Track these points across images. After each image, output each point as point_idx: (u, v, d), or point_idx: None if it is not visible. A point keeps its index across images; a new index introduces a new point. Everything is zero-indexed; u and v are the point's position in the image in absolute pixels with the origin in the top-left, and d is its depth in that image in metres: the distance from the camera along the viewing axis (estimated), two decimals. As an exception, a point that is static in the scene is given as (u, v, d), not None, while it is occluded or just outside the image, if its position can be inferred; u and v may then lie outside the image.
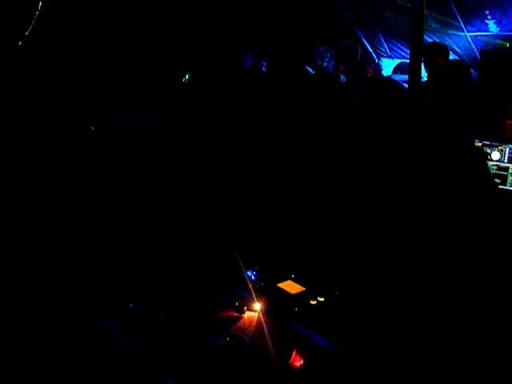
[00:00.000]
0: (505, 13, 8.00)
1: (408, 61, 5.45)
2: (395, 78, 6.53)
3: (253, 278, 4.08)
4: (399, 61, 11.96)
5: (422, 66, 5.18)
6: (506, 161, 4.98)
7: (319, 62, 7.16)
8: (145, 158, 5.61)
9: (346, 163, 4.84)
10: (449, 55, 5.86)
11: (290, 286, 3.98)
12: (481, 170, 3.46)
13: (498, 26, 8.37)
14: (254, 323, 3.59)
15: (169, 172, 5.76)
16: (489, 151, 4.98)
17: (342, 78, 7.15)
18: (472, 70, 6.12)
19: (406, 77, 6.49)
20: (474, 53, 8.50)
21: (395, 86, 4.75)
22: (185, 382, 3.01)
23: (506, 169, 4.94)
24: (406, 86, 5.80)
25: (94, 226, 5.11)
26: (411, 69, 5.01)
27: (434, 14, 7.97)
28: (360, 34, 9.69)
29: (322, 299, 3.79)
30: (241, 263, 4.11)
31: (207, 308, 3.72)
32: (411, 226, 3.55)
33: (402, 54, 11.44)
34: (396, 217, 3.68)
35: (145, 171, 5.57)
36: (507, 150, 4.96)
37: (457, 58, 7.86)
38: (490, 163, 4.95)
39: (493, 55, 8.14)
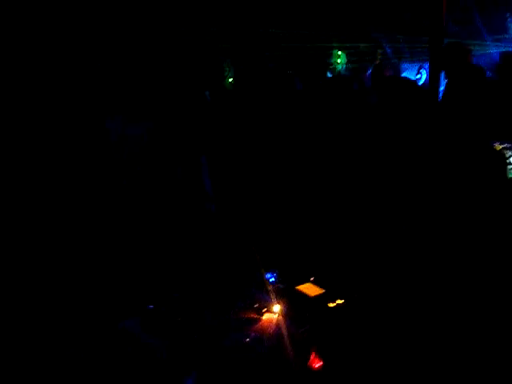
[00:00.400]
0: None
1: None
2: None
3: (272, 280, 4.10)
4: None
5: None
6: (525, 164, 4.93)
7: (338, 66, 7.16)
8: (147, 161, 5.62)
9: (366, 163, 4.85)
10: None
11: (309, 289, 3.99)
12: (499, 172, 3.46)
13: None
14: (273, 325, 3.61)
15: (180, 172, 5.76)
16: (510, 153, 4.94)
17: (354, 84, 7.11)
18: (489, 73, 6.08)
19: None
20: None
21: (411, 86, 4.76)
22: (206, 378, 3.05)
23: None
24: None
25: (109, 227, 5.13)
26: (431, 70, 5.01)
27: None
28: (380, 36, 9.66)
29: (341, 301, 3.80)
30: (260, 266, 4.14)
31: (227, 309, 3.75)
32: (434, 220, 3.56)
33: (424, 57, 11.36)
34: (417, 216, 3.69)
35: (149, 172, 5.57)
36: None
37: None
38: (510, 166, 4.90)
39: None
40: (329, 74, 6.78)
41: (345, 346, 3.41)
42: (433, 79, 4.83)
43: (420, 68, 7.22)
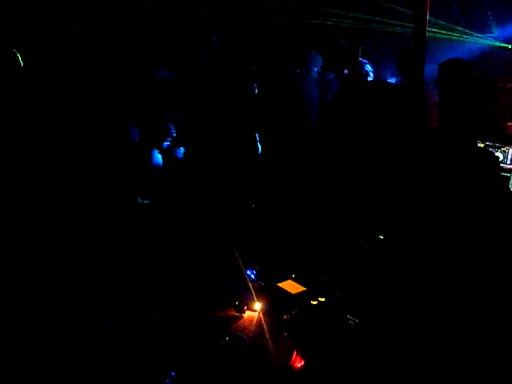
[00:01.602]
0: (508, 15, 7.99)
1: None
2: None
3: (253, 277, 4.03)
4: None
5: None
6: (508, 162, 4.95)
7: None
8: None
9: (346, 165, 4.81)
10: None
11: (291, 286, 3.93)
12: (492, 174, 3.44)
13: (500, 28, 8.36)
14: (254, 323, 3.54)
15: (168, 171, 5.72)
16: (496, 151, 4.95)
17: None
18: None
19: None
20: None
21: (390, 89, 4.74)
22: (186, 377, 2.97)
23: (510, 170, 4.90)
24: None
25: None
26: (413, 69, 4.95)
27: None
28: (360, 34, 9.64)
29: (323, 299, 3.74)
30: (241, 262, 4.07)
31: (207, 307, 3.67)
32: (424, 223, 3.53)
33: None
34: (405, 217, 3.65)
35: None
36: (510, 151, 4.93)
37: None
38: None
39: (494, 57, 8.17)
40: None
41: (327, 345, 3.35)
42: (415, 80, 4.77)
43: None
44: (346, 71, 6.56)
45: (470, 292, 3.29)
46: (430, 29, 5.15)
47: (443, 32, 8.07)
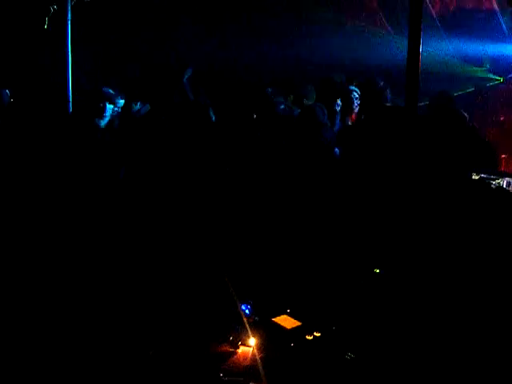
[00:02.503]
0: (499, 47, 8.07)
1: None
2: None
3: (247, 312, 3.97)
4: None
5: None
6: (503, 194, 4.92)
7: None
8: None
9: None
10: None
11: (286, 321, 3.88)
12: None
13: (491, 61, 8.44)
14: (249, 359, 3.48)
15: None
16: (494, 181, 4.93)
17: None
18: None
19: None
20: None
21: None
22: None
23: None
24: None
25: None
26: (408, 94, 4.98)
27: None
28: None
29: (319, 334, 3.69)
30: (235, 296, 4.02)
31: (201, 342, 3.61)
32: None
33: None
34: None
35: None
36: (504, 182, 4.92)
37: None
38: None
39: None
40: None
41: (323, 380, 3.30)
42: (410, 104, 4.79)
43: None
44: (339, 102, 6.58)
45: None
46: (423, 61, 5.17)
47: (437, 64, 8.15)
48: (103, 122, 5.89)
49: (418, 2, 4.87)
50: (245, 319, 3.84)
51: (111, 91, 6.17)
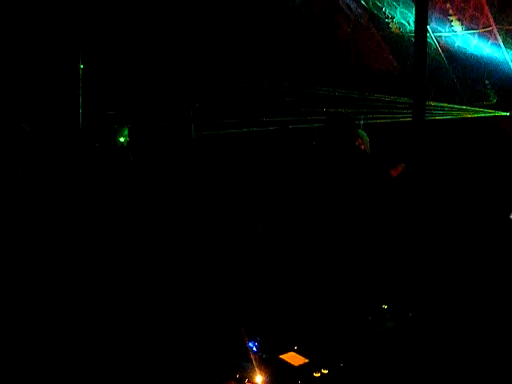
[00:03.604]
0: (503, 82, 8.14)
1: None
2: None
3: (254, 349, 3.96)
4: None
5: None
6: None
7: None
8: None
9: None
10: None
11: (293, 358, 3.86)
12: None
13: (497, 96, 8.50)
14: (256, 397, 3.46)
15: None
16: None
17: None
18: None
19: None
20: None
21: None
22: None
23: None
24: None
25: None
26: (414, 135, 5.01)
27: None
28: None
29: (326, 371, 3.66)
30: (243, 333, 4.01)
31: (208, 379, 3.59)
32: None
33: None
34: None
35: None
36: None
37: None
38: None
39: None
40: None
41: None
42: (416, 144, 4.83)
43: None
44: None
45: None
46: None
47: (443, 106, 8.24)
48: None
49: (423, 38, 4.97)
50: (252, 356, 3.82)
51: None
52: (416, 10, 4.92)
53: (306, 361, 3.81)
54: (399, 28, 8.46)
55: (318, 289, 4.61)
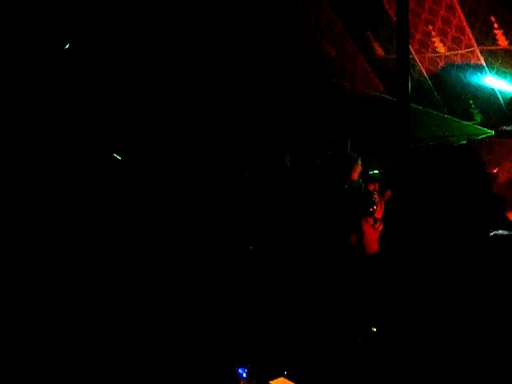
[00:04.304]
0: (487, 102, 8.24)
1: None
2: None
3: (244, 375, 3.92)
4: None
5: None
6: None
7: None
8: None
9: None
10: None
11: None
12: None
13: (482, 115, 8.60)
14: (246, 425, 3.41)
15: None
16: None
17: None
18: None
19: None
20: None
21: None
22: None
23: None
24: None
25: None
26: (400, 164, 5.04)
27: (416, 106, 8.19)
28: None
29: (317, 397, 3.63)
30: (232, 360, 3.98)
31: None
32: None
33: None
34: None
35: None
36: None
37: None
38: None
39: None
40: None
41: None
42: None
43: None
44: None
45: None
46: (413, 117, 5.29)
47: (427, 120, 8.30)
48: None
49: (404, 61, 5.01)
50: (241, 382, 3.78)
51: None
52: (397, 34, 4.97)
53: (296, 387, 3.77)
54: (384, 51, 8.54)
55: (308, 312, 4.60)
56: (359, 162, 6.15)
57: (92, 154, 6.34)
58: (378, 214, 5.25)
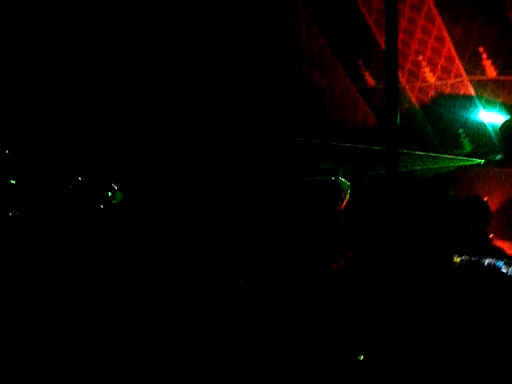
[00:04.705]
0: (478, 130, 8.29)
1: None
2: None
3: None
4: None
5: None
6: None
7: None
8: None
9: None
10: None
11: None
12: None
13: (472, 144, 8.65)
14: None
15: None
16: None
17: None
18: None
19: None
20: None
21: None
22: None
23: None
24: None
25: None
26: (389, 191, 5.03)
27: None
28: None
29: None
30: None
31: None
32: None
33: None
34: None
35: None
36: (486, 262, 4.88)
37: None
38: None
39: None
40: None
41: None
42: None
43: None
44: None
45: None
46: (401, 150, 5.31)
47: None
48: None
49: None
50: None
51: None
52: (386, 63, 5.00)
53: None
54: (375, 80, 8.61)
55: (294, 340, 4.55)
56: (348, 192, 6.16)
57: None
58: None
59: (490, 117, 8.11)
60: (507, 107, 7.81)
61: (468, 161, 8.50)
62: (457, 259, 4.34)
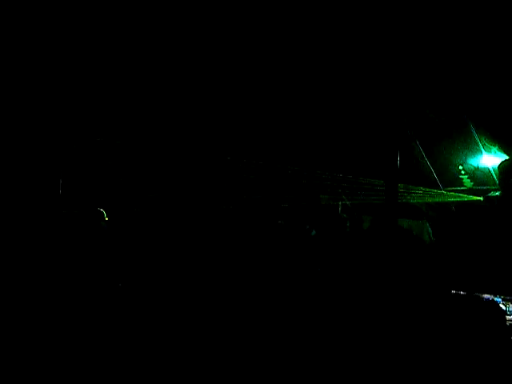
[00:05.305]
0: (477, 167, 8.34)
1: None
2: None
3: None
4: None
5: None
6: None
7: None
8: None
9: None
10: None
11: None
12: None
13: (471, 181, 8.70)
14: None
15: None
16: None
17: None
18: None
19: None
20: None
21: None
22: None
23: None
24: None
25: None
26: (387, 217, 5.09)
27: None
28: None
29: None
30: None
31: None
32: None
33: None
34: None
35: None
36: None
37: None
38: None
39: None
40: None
41: None
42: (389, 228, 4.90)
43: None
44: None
45: None
46: (400, 190, 5.38)
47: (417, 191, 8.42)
48: None
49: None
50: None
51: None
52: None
53: None
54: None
55: (294, 357, 4.54)
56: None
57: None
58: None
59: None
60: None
61: (468, 197, 8.56)
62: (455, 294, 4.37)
